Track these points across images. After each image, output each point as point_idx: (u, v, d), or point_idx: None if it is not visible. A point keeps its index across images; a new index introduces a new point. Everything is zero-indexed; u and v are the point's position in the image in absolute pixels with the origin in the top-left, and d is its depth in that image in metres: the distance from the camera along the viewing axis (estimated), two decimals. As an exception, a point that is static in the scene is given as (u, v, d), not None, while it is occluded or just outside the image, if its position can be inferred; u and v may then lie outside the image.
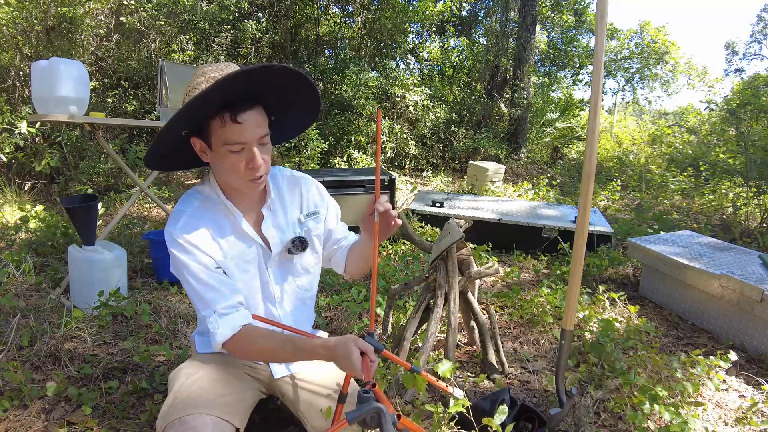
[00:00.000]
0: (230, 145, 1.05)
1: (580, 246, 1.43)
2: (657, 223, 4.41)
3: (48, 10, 5.46)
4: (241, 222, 1.18)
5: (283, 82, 1.09)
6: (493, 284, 3.03)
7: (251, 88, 1.05)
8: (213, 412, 1.05)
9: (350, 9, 8.29)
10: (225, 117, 1.03)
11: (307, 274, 1.32)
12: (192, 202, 1.17)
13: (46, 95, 2.40)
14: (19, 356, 1.88)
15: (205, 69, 1.08)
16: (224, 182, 1.17)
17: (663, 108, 14.64)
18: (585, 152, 1.40)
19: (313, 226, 1.30)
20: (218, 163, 1.10)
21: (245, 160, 1.08)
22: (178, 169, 1.29)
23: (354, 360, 0.99)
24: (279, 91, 1.11)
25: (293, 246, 1.24)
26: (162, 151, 1.15)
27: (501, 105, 8.41)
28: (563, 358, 1.52)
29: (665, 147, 8.62)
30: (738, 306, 2.30)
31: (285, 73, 1.06)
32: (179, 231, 1.12)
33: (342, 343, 1.02)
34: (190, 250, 1.11)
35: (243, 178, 1.10)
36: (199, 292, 1.12)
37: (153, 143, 1.10)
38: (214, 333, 1.11)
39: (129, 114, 6.54)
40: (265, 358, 1.21)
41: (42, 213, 3.54)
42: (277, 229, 1.24)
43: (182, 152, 1.16)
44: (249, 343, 1.13)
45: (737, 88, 10.53)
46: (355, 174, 3.90)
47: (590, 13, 10.97)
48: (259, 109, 1.08)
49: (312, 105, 1.22)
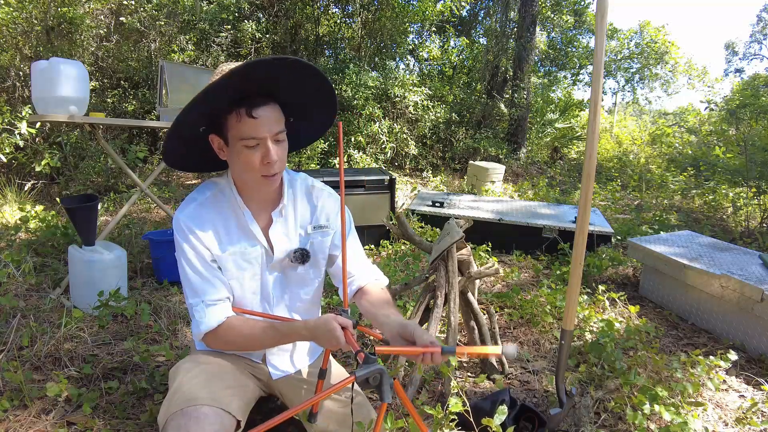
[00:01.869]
0: (246, 140, 1.07)
1: (580, 246, 1.43)
2: (657, 223, 4.41)
3: (48, 10, 5.46)
4: (249, 221, 1.19)
5: (296, 77, 1.09)
6: (493, 284, 3.03)
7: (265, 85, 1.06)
8: (213, 403, 1.06)
9: (350, 9, 8.29)
10: (241, 112, 1.05)
11: (305, 284, 1.31)
12: (205, 192, 1.19)
13: (46, 95, 2.40)
14: (19, 356, 1.88)
15: (223, 67, 1.08)
16: (240, 179, 1.18)
17: (663, 108, 14.63)
18: (585, 152, 1.40)
19: (319, 241, 1.28)
20: (234, 159, 1.12)
21: (260, 156, 1.08)
22: (199, 170, 1.30)
23: (338, 335, 1.01)
24: (293, 88, 1.11)
25: (294, 257, 1.23)
26: (183, 149, 1.17)
27: (501, 105, 8.41)
28: (563, 358, 1.52)
29: (665, 147, 8.61)
30: (738, 306, 2.30)
31: (297, 66, 1.06)
32: (185, 218, 1.15)
33: (323, 321, 1.04)
34: (191, 239, 1.13)
35: (257, 174, 1.11)
36: (192, 280, 1.15)
37: (168, 135, 1.10)
38: (200, 322, 1.14)
39: (129, 114, 6.54)
40: (248, 346, 1.22)
41: (42, 213, 3.54)
42: (284, 235, 1.23)
43: (202, 151, 1.17)
44: (232, 333, 1.15)
45: (737, 88, 10.54)
46: (355, 174, 3.90)
47: (590, 13, 10.96)
48: (274, 106, 1.09)
49: (328, 102, 1.21)
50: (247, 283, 1.21)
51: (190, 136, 1.12)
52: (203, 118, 1.09)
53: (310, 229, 1.27)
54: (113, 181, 5.28)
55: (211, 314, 1.14)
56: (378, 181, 3.65)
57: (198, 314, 1.14)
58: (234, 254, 1.18)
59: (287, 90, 1.11)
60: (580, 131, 9.04)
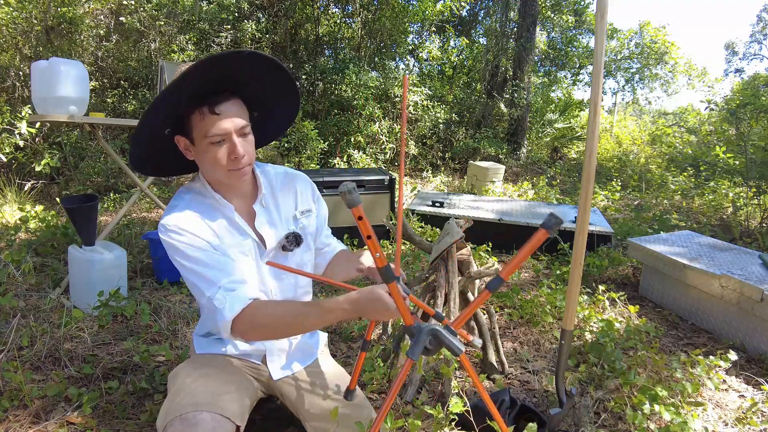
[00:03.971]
0: (210, 137, 1.06)
1: (580, 246, 1.43)
2: (657, 223, 4.41)
3: (48, 10, 5.46)
4: (233, 215, 1.18)
5: (256, 71, 1.10)
6: (493, 284, 3.02)
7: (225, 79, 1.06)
8: (212, 409, 1.05)
9: (350, 9, 8.29)
10: (203, 110, 1.05)
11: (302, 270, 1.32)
12: (183, 197, 1.18)
13: (46, 95, 2.40)
14: (19, 356, 1.88)
15: (183, 66, 1.08)
16: (211, 177, 1.17)
17: (663, 108, 14.62)
18: (585, 152, 1.40)
19: (307, 223, 1.31)
20: (202, 158, 1.11)
21: (227, 151, 1.08)
22: (175, 174, 1.29)
23: (387, 301, 0.94)
24: (255, 82, 1.12)
25: (287, 242, 1.24)
26: (153, 155, 1.16)
27: (501, 105, 8.41)
28: (563, 358, 1.52)
29: (665, 147, 8.61)
30: (738, 306, 2.30)
31: (256, 59, 1.07)
32: (172, 222, 1.10)
33: (367, 291, 0.99)
34: (184, 235, 1.10)
35: (225, 169, 1.10)
36: (199, 273, 1.08)
37: (132, 142, 1.10)
38: (222, 309, 1.04)
39: (129, 114, 6.54)
40: (283, 330, 1.09)
41: (42, 213, 3.54)
42: (270, 225, 1.24)
43: (175, 156, 1.16)
44: (263, 314, 1.05)
45: (737, 88, 10.54)
46: (354, 174, 3.90)
47: (590, 13, 10.97)
48: (237, 101, 1.09)
49: (290, 96, 1.22)
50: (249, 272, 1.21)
51: (155, 139, 1.11)
52: (167, 120, 1.09)
53: (298, 214, 1.29)
54: (113, 181, 5.28)
55: (234, 298, 1.05)
56: (378, 181, 3.65)
57: (219, 302, 1.04)
58: (232, 247, 1.17)
59: (248, 85, 1.11)
60: (580, 131, 9.04)
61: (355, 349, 2.17)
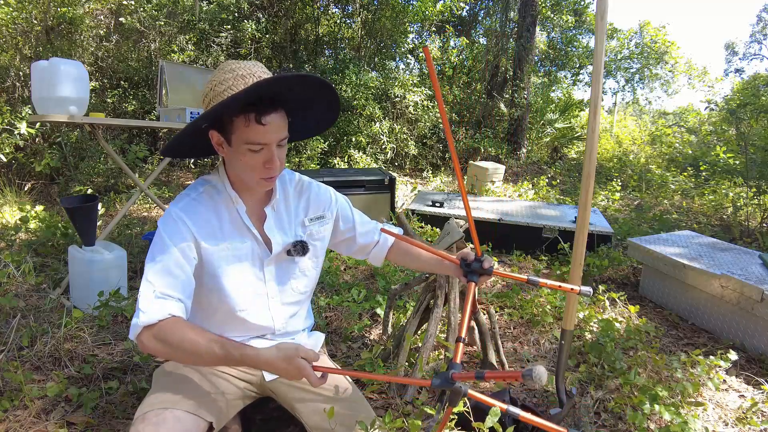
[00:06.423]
0: (251, 145, 1.08)
1: (580, 246, 1.43)
2: (657, 223, 4.41)
3: (48, 11, 5.46)
4: (243, 216, 1.19)
5: (310, 93, 1.14)
6: (493, 284, 3.03)
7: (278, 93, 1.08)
8: (179, 406, 1.07)
9: (350, 9, 8.29)
10: (250, 117, 1.05)
11: (304, 276, 1.32)
12: (198, 188, 1.20)
13: (46, 95, 2.40)
14: (19, 356, 1.88)
15: (232, 66, 1.09)
16: (236, 176, 1.19)
17: (663, 108, 14.63)
18: (585, 152, 1.40)
19: (317, 230, 1.31)
20: (235, 159, 1.12)
21: (263, 160, 1.10)
22: (189, 156, 1.32)
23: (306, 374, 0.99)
24: (303, 98, 1.14)
25: (294, 249, 1.25)
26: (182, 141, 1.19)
27: (501, 105, 8.41)
28: (563, 358, 1.52)
29: (665, 147, 8.61)
30: (738, 306, 2.30)
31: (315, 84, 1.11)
32: (179, 209, 1.14)
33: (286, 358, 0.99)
34: (179, 226, 1.11)
35: (258, 176, 1.12)
36: (156, 263, 1.06)
37: (178, 135, 1.14)
38: (141, 311, 1.01)
39: (129, 114, 6.54)
40: (188, 357, 1.03)
41: (42, 213, 3.54)
42: (279, 229, 1.24)
43: (196, 141, 1.19)
44: (176, 334, 1.01)
45: (737, 88, 10.54)
46: (354, 174, 3.90)
47: (590, 13, 10.96)
48: (281, 113, 1.10)
49: (330, 113, 1.26)
50: (239, 278, 1.21)
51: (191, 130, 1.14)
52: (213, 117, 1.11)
53: (307, 221, 1.30)
54: (113, 181, 5.28)
55: (158, 305, 1.02)
56: (378, 181, 3.65)
57: (142, 303, 1.02)
58: (226, 250, 1.18)
59: (296, 101, 1.14)
60: (580, 131, 9.05)
61: (355, 349, 2.16)
